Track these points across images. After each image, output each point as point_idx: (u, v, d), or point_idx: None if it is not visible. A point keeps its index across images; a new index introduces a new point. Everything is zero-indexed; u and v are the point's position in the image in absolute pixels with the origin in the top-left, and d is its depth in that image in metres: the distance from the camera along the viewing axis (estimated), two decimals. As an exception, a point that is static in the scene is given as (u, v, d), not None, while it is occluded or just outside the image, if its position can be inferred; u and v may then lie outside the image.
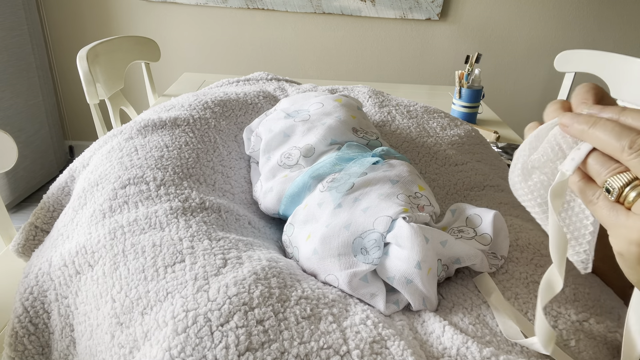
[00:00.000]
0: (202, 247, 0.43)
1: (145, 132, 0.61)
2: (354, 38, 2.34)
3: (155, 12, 2.26)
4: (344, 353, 0.35)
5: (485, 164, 0.74)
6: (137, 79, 2.40)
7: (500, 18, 2.30)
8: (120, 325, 0.39)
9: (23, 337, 0.44)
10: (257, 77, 0.99)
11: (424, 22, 2.30)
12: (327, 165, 0.55)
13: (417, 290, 0.43)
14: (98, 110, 1.28)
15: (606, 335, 0.41)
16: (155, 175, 0.52)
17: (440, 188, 0.68)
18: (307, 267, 0.47)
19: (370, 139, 0.63)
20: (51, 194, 0.59)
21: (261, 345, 0.34)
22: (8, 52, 1.95)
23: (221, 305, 0.36)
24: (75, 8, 2.24)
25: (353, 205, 0.49)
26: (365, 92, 0.89)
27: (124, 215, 0.47)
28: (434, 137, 0.76)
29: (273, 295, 0.38)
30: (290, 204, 0.55)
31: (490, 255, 0.49)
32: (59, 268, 0.45)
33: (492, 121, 1.33)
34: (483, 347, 0.38)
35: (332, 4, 2.22)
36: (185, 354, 0.33)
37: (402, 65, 2.40)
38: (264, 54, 2.37)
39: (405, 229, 0.43)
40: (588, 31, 2.33)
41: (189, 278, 0.39)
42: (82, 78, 1.21)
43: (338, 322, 0.38)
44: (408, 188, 0.51)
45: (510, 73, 2.42)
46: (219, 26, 2.30)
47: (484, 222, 0.49)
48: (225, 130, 0.68)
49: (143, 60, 1.51)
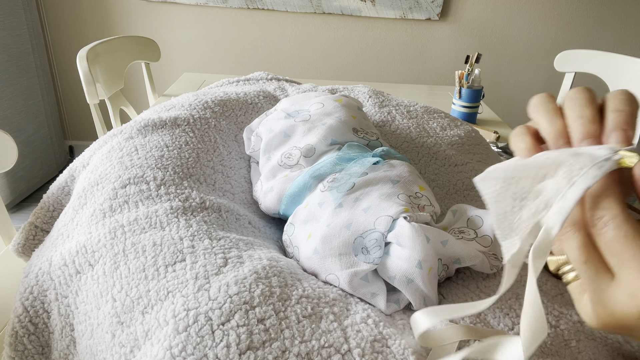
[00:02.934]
0: (202, 246, 0.43)
1: (145, 131, 0.61)
2: (354, 38, 2.34)
3: (155, 12, 2.26)
4: (345, 352, 0.35)
5: (485, 164, 0.74)
6: (137, 79, 2.40)
7: (500, 18, 2.30)
8: (121, 325, 0.39)
9: (23, 336, 0.44)
10: (257, 77, 0.99)
11: (424, 22, 2.30)
12: (327, 165, 0.55)
13: (418, 290, 0.43)
14: (98, 110, 1.28)
15: (607, 335, 0.41)
16: (156, 175, 0.52)
17: (440, 188, 0.68)
18: (307, 266, 0.47)
19: (370, 139, 0.63)
20: (51, 194, 0.59)
21: (262, 344, 0.34)
22: (8, 52, 1.95)
23: (222, 304, 0.36)
24: (75, 8, 2.24)
25: (354, 205, 0.49)
26: (365, 92, 0.89)
27: (125, 215, 0.47)
28: (434, 137, 0.76)
29: (274, 294, 0.38)
30: (291, 204, 0.55)
31: (491, 257, 0.49)
32: (59, 267, 0.45)
33: (492, 121, 1.33)
34: (484, 346, 0.38)
35: (332, 4, 2.22)
36: (186, 353, 0.33)
37: (402, 65, 2.40)
38: (264, 54, 2.37)
39: (406, 229, 0.43)
40: (588, 31, 2.33)
41: (189, 277, 0.39)
42: (82, 78, 1.20)
43: (339, 321, 0.38)
44: (409, 188, 0.51)
45: (510, 73, 2.43)
46: (219, 26, 2.30)
47: (485, 224, 0.49)
48: (225, 130, 0.68)
49: (143, 60, 1.51)
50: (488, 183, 0.29)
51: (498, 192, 0.29)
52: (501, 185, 0.29)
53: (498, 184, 0.29)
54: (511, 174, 0.28)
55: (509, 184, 0.28)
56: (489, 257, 0.48)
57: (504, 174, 0.29)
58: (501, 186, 0.29)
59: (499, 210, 0.29)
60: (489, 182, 0.29)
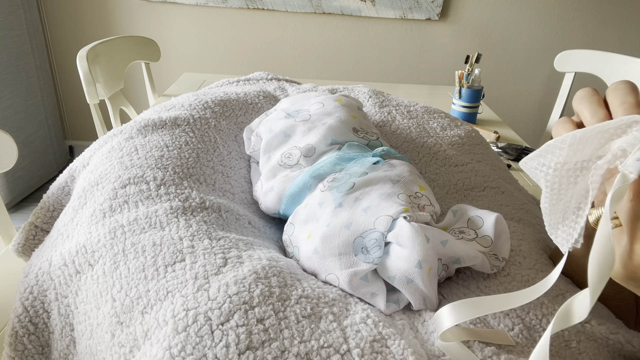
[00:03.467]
0: (202, 246, 0.43)
1: (145, 131, 0.61)
2: (354, 38, 2.34)
3: (155, 12, 2.26)
4: (345, 352, 0.35)
5: (485, 164, 0.74)
6: (137, 79, 2.40)
7: (500, 18, 2.30)
8: (121, 325, 0.39)
9: (23, 336, 0.44)
10: (257, 77, 0.99)
11: (424, 22, 2.30)
12: (327, 165, 0.55)
13: (418, 290, 0.43)
14: (98, 110, 1.28)
15: (608, 336, 0.41)
16: (156, 175, 0.52)
17: (440, 188, 0.68)
18: (307, 266, 0.47)
19: (370, 139, 0.63)
20: (51, 194, 0.59)
21: (261, 344, 0.34)
22: (8, 52, 1.95)
23: (221, 304, 0.36)
24: (75, 8, 2.24)
25: (354, 204, 0.49)
26: (365, 92, 0.89)
27: (124, 215, 0.47)
28: (434, 137, 0.76)
29: (273, 294, 0.38)
30: (291, 204, 0.55)
31: (491, 257, 0.48)
32: (59, 267, 0.45)
33: (492, 121, 1.33)
34: (484, 346, 0.38)
35: (332, 4, 2.22)
36: (186, 353, 0.33)
37: (402, 65, 2.40)
38: (264, 54, 2.37)
39: (406, 228, 0.43)
40: (588, 31, 2.33)
41: (189, 277, 0.39)
42: (82, 78, 1.20)
43: (338, 321, 0.38)
44: (409, 188, 0.51)
45: (510, 73, 2.43)
46: (219, 26, 2.30)
47: (486, 224, 0.49)
48: (225, 130, 0.68)
49: (143, 60, 1.51)
50: (544, 157, 0.30)
51: (563, 161, 0.30)
52: (567, 152, 0.29)
53: (563, 152, 0.30)
54: (577, 140, 0.29)
55: (575, 150, 0.29)
56: (490, 257, 0.48)
57: (570, 141, 0.29)
58: (567, 154, 0.29)
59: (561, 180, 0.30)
60: (545, 156, 0.30)
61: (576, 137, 0.29)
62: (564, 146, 0.30)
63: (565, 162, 0.30)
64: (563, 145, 0.30)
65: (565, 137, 0.30)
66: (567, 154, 0.30)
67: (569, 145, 0.29)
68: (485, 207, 0.62)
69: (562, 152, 0.30)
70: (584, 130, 0.29)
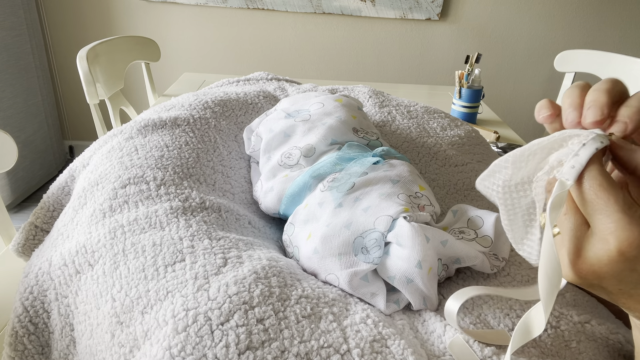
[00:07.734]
0: (202, 246, 0.43)
1: (145, 131, 0.61)
2: (354, 38, 2.34)
3: (155, 12, 2.26)
4: (344, 352, 0.35)
5: (485, 164, 0.74)
6: (137, 79, 2.40)
7: (500, 18, 2.30)
8: (121, 325, 0.39)
9: (23, 336, 0.44)
10: (257, 77, 0.99)
11: (424, 22, 2.30)
12: (327, 165, 0.55)
13: (418, 290, 0.43)
14: (98, 110, 1.28)
15: (608, 336, 0.41)
16: (156, 175, 0.52)
17: (440, 188, 0.68)
18: (307, 266, 0.47)
19: (370, 139, 0.63)
20: (51, 194, 0.59)
21: (261, 344, 0.34)
22: (8, 52, 1.95)
23: (221, 304, 0.36)
24: (75, 8, 2.24)
25: (354, 204, 0.49)
26: (365, 92, 0.89)
27: (124, 215, 0.47)
28: (434, 137, 0.76)
29: (273, 294, 0.38)
30: (291, 204, 0.55)
31: (491, 257, 0.49)
32: (59, 267, 0.45)
33: (492, 121, 1.33)
34: (484, 346, 0.38)
35: (332, 4, 2.22)
36: (186, 353, 0.33)
37: (402, 65, 2.40)
38: (264, 54, 2.37)
39: (406, 228, 0.43)
40: (588, 31, 2.33)
41: (189, 277, 0.39)
42: (82, 78, 1.20)
43: (338, 321, 0.38)
44: (409, 188, 0.51)
45: (510, 73, 2.42)
46: (219, 26, 2.30)
47: (486, 225, 0.49)
48: (225, 130, 0.68)
49: (143, 60, 1.51)
50: (493, 177, 0.32)
51: (509, 178, 0.31)
52: (512, 170, 0.31)
53: (508, 170, 0.31)
54: (518, 158, 0.31)
55: (518, 168, 0.31)
56: (489, 257, 0.48)
57: (512, 159, 0.31)
58: (512, 172, 0.31)
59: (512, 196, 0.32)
60: (494, 175, 0.32)
61: (516, 155, 0.31)
62: (507, 165, 0.31)
63: (511, 179, 0.31)
64: (507, 164, 0.31)
65: (507, 156, 0.31)
66: (512, 172, 0.31)
67: (512, 163, 0.31)
68: (485, 207, 0.62)
69: (507, 171, 0.31)
70: (523, 148, 0.31)
